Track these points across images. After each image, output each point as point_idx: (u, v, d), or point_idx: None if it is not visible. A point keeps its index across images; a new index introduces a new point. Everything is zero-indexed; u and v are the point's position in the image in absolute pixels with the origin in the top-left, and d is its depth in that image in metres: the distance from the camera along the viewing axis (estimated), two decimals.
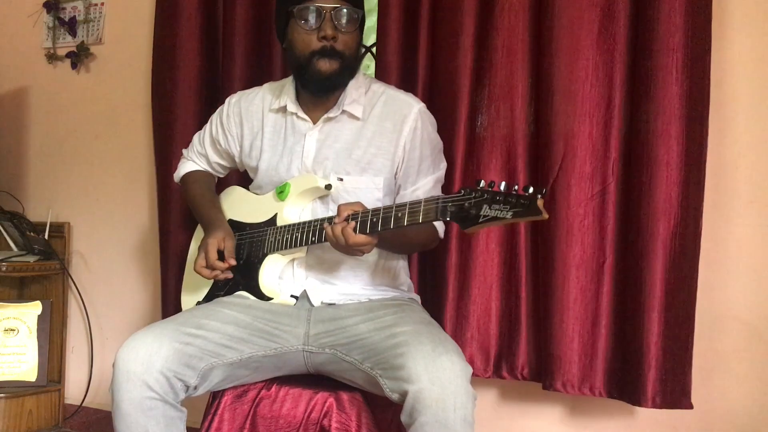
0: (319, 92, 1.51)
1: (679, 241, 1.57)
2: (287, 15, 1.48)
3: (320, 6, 1.43)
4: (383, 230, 1.29)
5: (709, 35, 1.57)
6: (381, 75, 1.85)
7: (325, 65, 1.45)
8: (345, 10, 1.45)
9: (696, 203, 1.57)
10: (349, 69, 1.49)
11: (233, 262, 1.48)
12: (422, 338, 1.28)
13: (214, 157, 1.71)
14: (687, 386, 1.58)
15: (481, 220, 1.15)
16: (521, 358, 1.75)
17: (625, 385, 1.64)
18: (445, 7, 1.78)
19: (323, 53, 1.44)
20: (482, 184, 1.16)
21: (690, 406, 1.58)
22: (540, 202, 1.10)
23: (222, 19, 2.11)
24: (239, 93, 1.67)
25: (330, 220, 1.37)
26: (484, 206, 1.15)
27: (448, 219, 1.20)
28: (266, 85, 1.66)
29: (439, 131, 1.59)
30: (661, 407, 1.58)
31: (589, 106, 1.65)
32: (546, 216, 1.11)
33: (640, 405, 1.59)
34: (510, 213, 1.12)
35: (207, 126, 1.71)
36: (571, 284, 1.65)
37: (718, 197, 1.63)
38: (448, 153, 1.68)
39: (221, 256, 1.49)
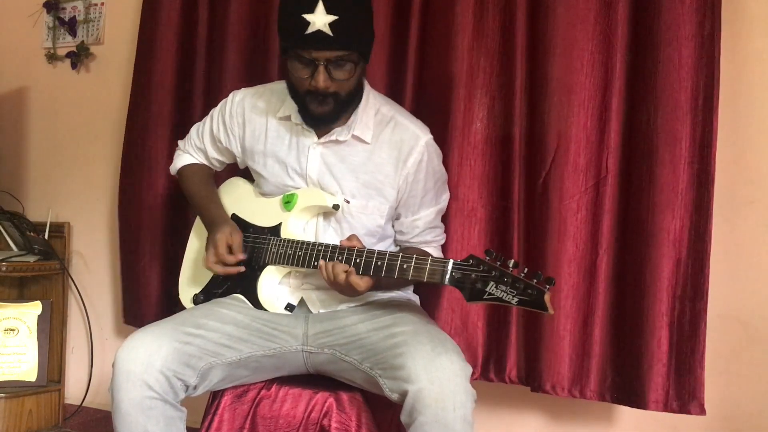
0: (314, 127, 1.47)
1: (688, 238, 1.52)
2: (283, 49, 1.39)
3: (315, 57, 1.32)
4: (385, 276, 1.30)
5: (719, 26, 1.51)
6: (370, 66, 1.75)
7: (317, 109, 1.39)
8: (341, 62, 1.34)
9: (706, 200, 1.52)
10: (345, 105, 1.41)
11: (242, 257, 1.46)
12: (421, 338, 1.28)
13: (213, 153, 1.66)
14: (698, 390, 1.52)
15: (485, 297, 1.18)
16: (510, 360, 1.69)
17: (624, 388, 1.59)
18: None
19: (315, 95, 1.36)
20: (492, 255, 1.18)
21: (701, 412, 1.52)
22: (547, 297, 1.13)
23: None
24: (243, 90, 1.60)
25: (335, 248, 1.35)
26: (491, 284, 1.17)
27: (453, 285, 1.21)
28: (272, 86, 1.59)
29: (432, 123, 1.54)
30: (666, 411, 1.53)
31: (585, 96, 1.61)
32: (552, 312, 1.14)
33: (642, 408, 1.55)
34: (516, 299, 1.15)
35: (207, 120, 1.65)
36: (563, 280, 1.62)
37: (718, 196, 1.61)
38: (441, 145, 1.61)
39: (229, 251, 1.47)
